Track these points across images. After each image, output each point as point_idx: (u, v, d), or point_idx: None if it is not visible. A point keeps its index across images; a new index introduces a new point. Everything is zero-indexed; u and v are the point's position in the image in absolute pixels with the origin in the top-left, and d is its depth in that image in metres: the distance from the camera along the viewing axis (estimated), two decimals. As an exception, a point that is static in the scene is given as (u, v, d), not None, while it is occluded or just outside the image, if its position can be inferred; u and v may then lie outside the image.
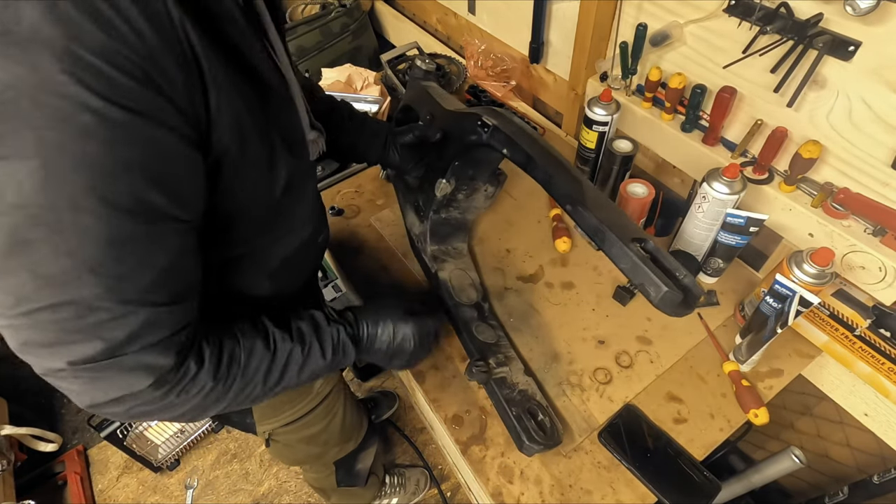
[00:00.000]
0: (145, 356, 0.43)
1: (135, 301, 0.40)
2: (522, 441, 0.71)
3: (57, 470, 1.63)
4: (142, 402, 0.45)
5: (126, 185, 0.35)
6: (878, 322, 0.76)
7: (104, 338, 0.40)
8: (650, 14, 0.89)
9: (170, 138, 0.36)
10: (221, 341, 0.51)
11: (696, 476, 0.72)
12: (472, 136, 0.77)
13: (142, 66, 0.33)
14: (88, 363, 0.40)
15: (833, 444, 1.02)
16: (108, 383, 0.43)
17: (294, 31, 1.45)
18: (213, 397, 0.51)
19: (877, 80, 0.65)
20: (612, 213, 0.63)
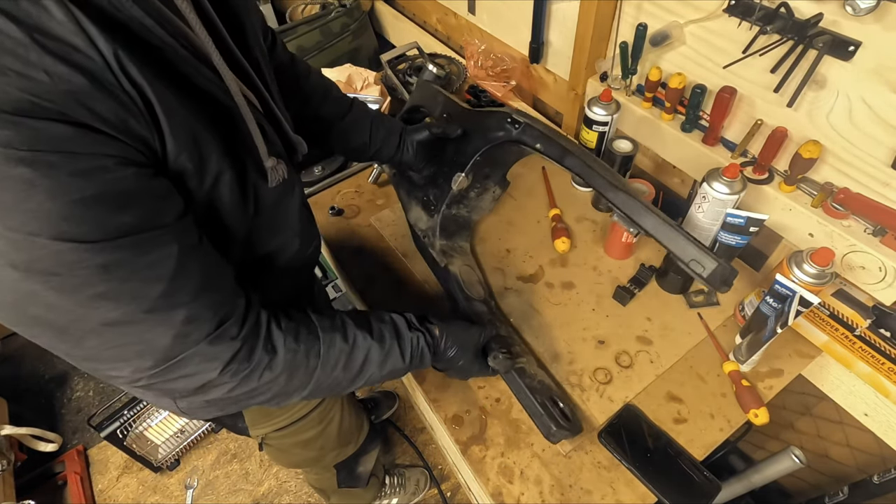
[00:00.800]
0: (203, 349, 0.45)
1: (160, 308, 0.42)
2: (551, 428, 0.72)
3: (57, 470, 1.63)
4: (223, 389, 0.49)
5: (91, 220, 0.36)
6: (878, 322, 0.76)
7: (152, 347, 0.43)
8: (650, 14, 0.89)
9: (117, 165, 0.36)
10: (298, 332, 0.53)
11: (696, 476, 0.72)
12: (500, 132, 0.80)
13: (63, 109, 0.33)
14: (153, 370, 0.44)
15: (833, 444, 1.02)
16: (181, 381, 0.46)
17: (294, 31, 1.45)
18: (294, 384, 0.53)
19: (877, 80, 0.65)
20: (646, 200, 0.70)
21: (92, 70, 0.34)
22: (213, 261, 0.47)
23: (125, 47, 0.36)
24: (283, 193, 0.58)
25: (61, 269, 0.36)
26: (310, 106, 0.81)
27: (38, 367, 1.93)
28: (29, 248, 0.34)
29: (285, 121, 0.59)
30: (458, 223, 0.97)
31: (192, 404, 0.63)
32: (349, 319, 0.60)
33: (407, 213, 1.00)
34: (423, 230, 0.96)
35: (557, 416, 0.73)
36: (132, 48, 0.37)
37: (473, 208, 0.97)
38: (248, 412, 0.79)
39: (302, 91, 0.80)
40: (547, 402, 0.74)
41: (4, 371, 1.90)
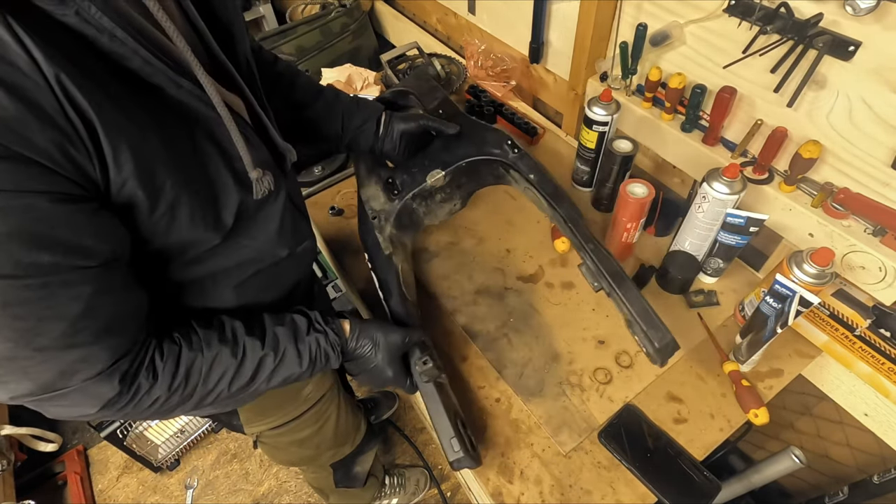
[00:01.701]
0: (87, 387, 0.44)
1: (52, 347, 0.40)
2: (459, 452, 0.67)
3: (57, 470, 1.63)
4: (101, 414, 0.47)
5: (5, 255, 0.35)
6: (878, 322, 0.76)
7: (33, 379, 0.41)
8: (650, 14, 0.89)
9: (44, 201, 0.35)
10: (179, 354, 0.52)
11: (696, 476, 0.72)
12: (496, 150, 0.81)
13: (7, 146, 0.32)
14: (30, 397, 0.43)
15: (833, 444, 1.02)
16: (59, 409, 0.45)
17: (294, 31, 1.45)
18: (172, 403, 0.52)
19: (877, 80, 0.65)
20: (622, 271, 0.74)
21: (31, 96, 0.33)
22: (128, 303, 0.46)
23: (74, 68, 0.34)
24: (264, 202, 0.56)
25: None
26: (277, 93, 0.77)
27: (38, 367, 1.93)
28: None
29: (273, 128, 0.58)
30: (412, 219, 0.93)
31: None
32: (240, 329, 0.57)
33: (361, 188, 0.93)
34: (376, 211, 0.89)
35: (466, 442, 0.70)
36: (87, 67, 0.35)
37: (430, 212, 0.94)
38: (242, 411, 0.78)
39: (268, 79, 0.75)
40: (460, 425, 0.71)
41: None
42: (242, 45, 0.56)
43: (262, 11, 2.12)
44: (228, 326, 0.57)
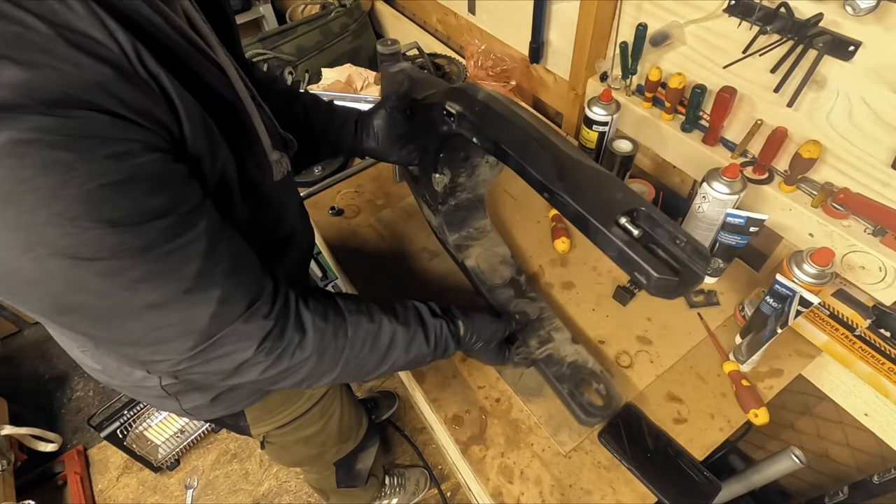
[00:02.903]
0: (239, 328, 0.47)
1: (196, 289, 0.43)
2: (580, 417, 0.74)
3: (57, 470, 1.63)
4: (258, 370, 0.50)
5: (127, 202, 0.37)
6: (878, 322, 0.76)
7: (191, 328, 0.45)
8: (650, 14, 0.89)
9: (144, 151, 0.38)
10: (325, 313, 0.55)
11: (696, 476, 0.72)
12: (444, 126, 0.71)
13: (92, 98, 0.34)
14: (192, 351, 0.46)
15: (833, 444, 1.02)
16: (218, 361, 0.48)
17: (294, 31, 1.45)
18: (325, 364, 0.55)
19: (877, 80, 0.65)
20: (593, 190, 0.57)
21: (114, 61, 0.36)
22: (238, 242, 0.49)
23: (140, 41, 0.38)
24: (282, 188, 0.59)
25: (104, 254, 0.37)
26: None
27: (38, 367, 1.93)
28: (74, 233, 0.35)
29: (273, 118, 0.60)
30: (465, 209, 0.91)
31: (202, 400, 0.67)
32: (373, 303, 0.61)
33: (422, 211, 0.96)
34: (435, 227, 0.94)
35: (586, 403, 0.74)
36: (145, 43, 0.38)
37: (474, 187, 0.90)
38: (249, 410, 0.79)
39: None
40: (575, 389, 0.75)
41: (4, 371, 1.90)
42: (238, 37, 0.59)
43: (262, 11, 2.12)
44: (362, 300, 0.61)
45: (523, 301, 0.85)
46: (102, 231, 0.36)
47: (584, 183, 0.57)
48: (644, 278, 0.52)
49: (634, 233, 0.53)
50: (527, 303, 0.85)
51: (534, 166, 0.60)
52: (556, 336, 0.81)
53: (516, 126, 0.62)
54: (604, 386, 0.76)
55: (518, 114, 0.64)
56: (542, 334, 0.81)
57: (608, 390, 0.76)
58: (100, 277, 0.38)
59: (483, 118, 0.65)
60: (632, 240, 0.53)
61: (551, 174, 0.58)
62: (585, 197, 0.56)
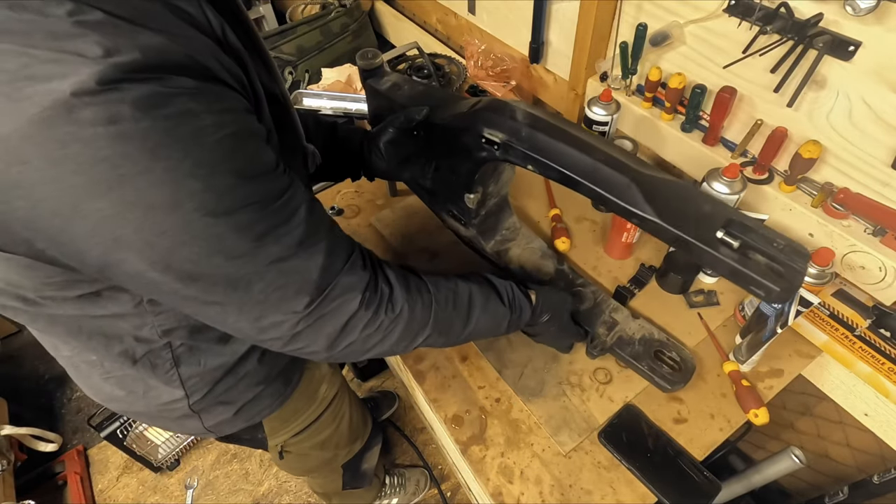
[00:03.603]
0: (343, 280, 0.49)
1: (307, 240, 0.45)
2: (665, 387, 0.76)
3: (57, 470, 1.63)
4: (362, 326, 0.51)
5: (248, 154, 0.40)
6: (878, 322, 0.77)
7: (306, 280, 0.46)
8: (650, 14, 0.89)
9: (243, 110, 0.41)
10: (405, 274, 0.57)
11: (696, 476, 0.72)
12: (482, 153, 0.68)
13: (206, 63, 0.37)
14: (309, 308, 0.47)
15: (833, 444, 1.02)
16: (330, 317, 0.49)
17: (294, 31, 1.45)
18: (417, 320, 0.56)
19: (877, 80, 0.65)
20: (682, 208, 0.56)
21: (211, 33, 0.40)
22: (320, 203, 0.51)
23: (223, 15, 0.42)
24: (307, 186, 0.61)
25: (236, 206, 0.39)
26: None
27: (38, 367, 1.93)
28: (213, 186, 0.37)
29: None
30: (494, 214, 0.90)
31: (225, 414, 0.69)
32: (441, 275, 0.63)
33: (442, 221, 0.94)
34: (468, 238, 0.91)
35: (667, 373, 0.76)
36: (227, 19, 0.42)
37: (499, 190, 0.88)
38: (267, 422, 0.79)
39: None
40: (652, 362, 0.77)
41: (4, 371, 1.90)
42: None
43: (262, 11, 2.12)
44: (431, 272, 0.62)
45: (576, 291, 0.85)
46: (235, 181, 0.38)
47: (671, 202, 0.56)
48: (763, 292, 0.52)
49: (734, 245, 0.53)
50: (579, 292, 0.85)
51: (615, 193, 0.58)
52: (618, 317, 0.82)
53: (577, 150, 0.60)
54: (675, 352, 0.78)
55: (568, 132, 0.62)
56: (605, 319, 0.82)
57: (680, 354, 0.78)
58: (234, 233, 0.40)
59: (535, 145, 0.62)
60: (743, 257, 0.53)
61: (638, 199, 0.56)
62: (679, 218, 0.55)
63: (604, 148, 0.61)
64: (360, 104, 1.26)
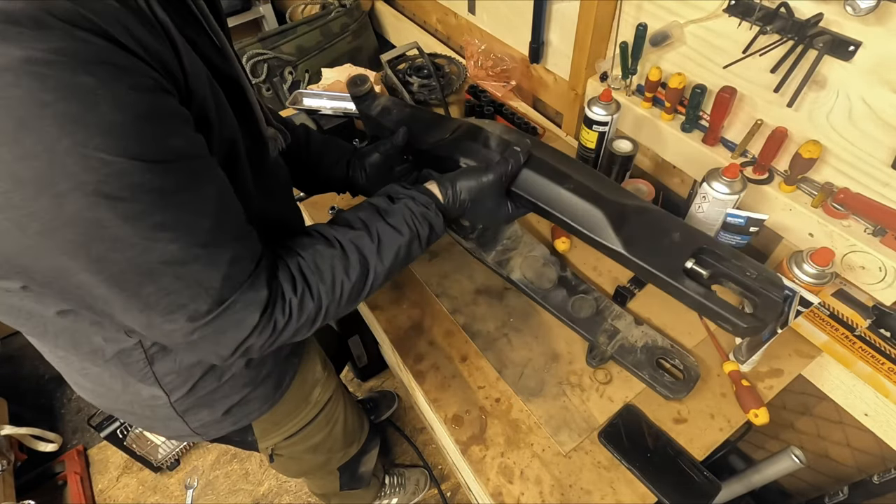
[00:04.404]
0: (246, 294, 0.46)
1: (210, 244, 0.42)
2: (667, 395, 0.76)
3: (57, 470, 1.63)
4: (263, 334, 0.48)
5: (149, 137, 0.36)
6: (878, 322, 0.76)
7: (205, 288, 0.43)
8: (650, 14, 0.89)
9: (154, 87, 0.36)
10: (286, 261, 0.52)
11: (696, 476, 0.72)
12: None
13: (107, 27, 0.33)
14: (207, 316, 0.44)
15: (833, 444, 1.02)
16: (229, 329, 0.46)
17: (294, 31, 1.45)
18: (309, 308, 0.51)
19: (877, 80, 0.65)
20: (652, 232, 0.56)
21: (129, 3, 0.36)
22: (239, 205, 0.48)
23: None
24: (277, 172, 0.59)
25: (125, 193, 0.35)
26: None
27: (38, 367, 1.93)
28: (97, 166, 0.33)
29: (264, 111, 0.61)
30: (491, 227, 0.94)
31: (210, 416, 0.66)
32: (322, 226, 0.57)
33: (450, 234, 0.97)
34: (470, 249, 0.94)
35: (668, 381, 0.76)
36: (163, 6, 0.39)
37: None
38: (257, 424, 0.78)
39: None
40: (654, 373, 0.77)
41: (4, 371, 1.90)
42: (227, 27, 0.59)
43: (262, 11, 2.12)
44: (312, 230, 0.57)
45: (578, 299, 0.86)
46: (127, 165, 0.34)
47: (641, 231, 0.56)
48: (730, 327, 0.51)
49: (704, 274, 0.53)
50: (582, 300, 0.86)
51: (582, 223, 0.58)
52: (620, 325, 0.82)
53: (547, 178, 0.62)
54: (679, 360, 0.78)
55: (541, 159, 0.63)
56: (607, 328, 0.82)
57: (684, 362, 0.78)
58: (121, 221, 0.36)
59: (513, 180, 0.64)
60: (708, 291, 0.52)
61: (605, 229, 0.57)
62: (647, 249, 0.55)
63: (577, 176, 0.62)
64: (360, 104, 1.27)
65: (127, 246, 0.38)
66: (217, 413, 0.69)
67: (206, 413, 0.69)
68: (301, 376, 0.81)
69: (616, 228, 0.57)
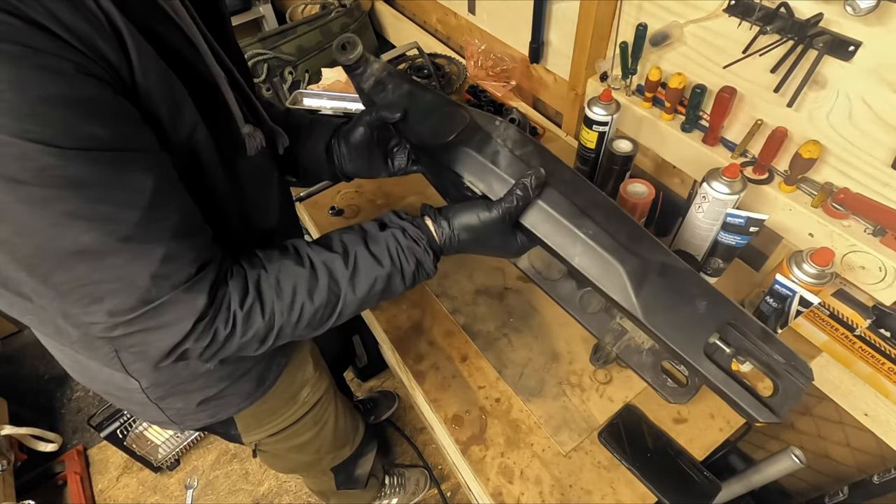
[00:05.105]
0: (179, 297, 0.43)
1: (135, 238, 0.40)
2: (669, 399, 0.75)
3: (57, 470, 1.63)
4: (199, 344, 0.46)
5: (58, 122, 0.34)
6: (878, 322, 0.76)
7: (130, 283, 0.41)
8: (650, 14, 0.89)
9: (74, 71, 0.35)
10: (246, 271, 0.49)
11: (696, 476, 0.72)
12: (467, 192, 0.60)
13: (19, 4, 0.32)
14: (130, 314, 0.41)
15: (833, 444, 1.02)
16: (158, 332, 0.44)
17: (294, 31, 1.45)
18: (257, 324, 0.48)
19: (877, 80, 0.65)
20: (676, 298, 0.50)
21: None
22: (192, 207, 0.45)
23: None
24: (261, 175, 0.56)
25: (27, 176, 0.34)
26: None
27: (38, 367, 1.93)
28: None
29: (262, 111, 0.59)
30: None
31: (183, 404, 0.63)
32: (302, 243, 0.54)
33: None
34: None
35: (670, 386, 0.75)
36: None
37: None
38: (239, 419, 0.77)
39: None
40: (657, 377, 0.76)
41: (4, 371, 1.90)
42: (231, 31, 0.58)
43: (262, 11, 2.12)
44: (289, 244, 0.54)
45: (588, 293, 0.84)
46: (26, 148, 0.33)
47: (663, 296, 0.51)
48: (745, 417, 0.48)
49: (727, 351, 0.49)
50: (591, 294, 0.84)
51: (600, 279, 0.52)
52: (628, 325, 0.81)
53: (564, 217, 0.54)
54: (684, 365, 0.77)
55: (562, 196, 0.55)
56: (614, 327, 0.80)
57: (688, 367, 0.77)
58: (23, 205, 0.35)
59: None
60: (727, 377, 0.48)
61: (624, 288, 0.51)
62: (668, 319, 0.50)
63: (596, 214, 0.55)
64: (361, 104, 1.27)
65: (34, 231, 0.36)
66: (191, 404, 0.69)
67: (180, 403, 0.68)
68: (289, 376, 0.80)
69: (636, 288, 0.51)
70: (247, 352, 0.51)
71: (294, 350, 0.81)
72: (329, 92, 1.28)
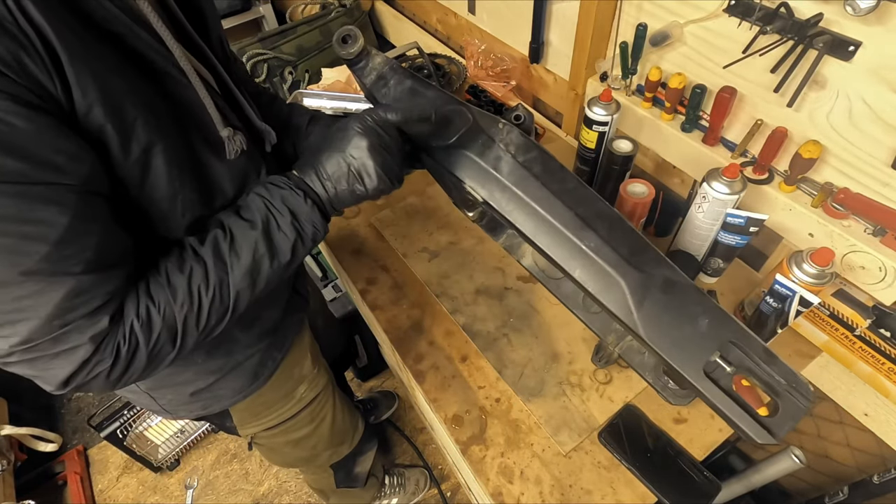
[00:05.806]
0: (81, 324, 0.42)
1: (39, 273, 0.39)
2: (670, 401, 0.73)
3: (57, 470, 1.63)
4: (102, 367, 0.44)
5: None
6: (878, 322, 0.76)
7: (32, 314, 0.39)
8: (650, 14, 0.89)
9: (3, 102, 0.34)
10: (142, 281, 0.48)
11: (696, 476, 0.72)
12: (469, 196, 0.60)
13: None
14: (29, 343, 0.40)
15: (833, 444, 1.02)
16: (58, 363, 0.42)
17: (294, 31, 1.45)
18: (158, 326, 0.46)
19: (877, 80, 0.65)
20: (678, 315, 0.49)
21: None
22: (116, 238, 0.44)
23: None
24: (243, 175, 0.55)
25: None
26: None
27: (38, 367, 1.93)
28: None
29: (251, 108, 0.58)
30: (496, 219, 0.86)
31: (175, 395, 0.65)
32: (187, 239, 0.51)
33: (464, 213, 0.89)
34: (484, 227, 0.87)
35: (671, 387, 0.73)
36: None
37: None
38: (235, 412, 0.78)
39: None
40: (658, 378, 0.74)
41: (4, 371, 1.90)
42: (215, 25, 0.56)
43: (262, 11, 2.12)
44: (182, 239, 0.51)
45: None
46: None
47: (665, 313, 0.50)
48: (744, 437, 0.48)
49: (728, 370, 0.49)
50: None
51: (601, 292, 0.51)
52: None
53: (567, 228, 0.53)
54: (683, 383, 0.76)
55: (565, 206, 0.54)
56: (616, 327, 0.79)
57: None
58: None
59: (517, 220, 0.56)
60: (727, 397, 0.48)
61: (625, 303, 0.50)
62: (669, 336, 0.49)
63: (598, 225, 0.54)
64: (361, 104, 1.26)
65: None
66: (183, 395, 0.69)
67: (171, 394, 0.69)
68: (285, 371, 0.80)
69: (637, 303, 0.50)
70: (164, 358, 0.49)
71: (291, 346, 0.81)
72: (329, 92, 1.28)
